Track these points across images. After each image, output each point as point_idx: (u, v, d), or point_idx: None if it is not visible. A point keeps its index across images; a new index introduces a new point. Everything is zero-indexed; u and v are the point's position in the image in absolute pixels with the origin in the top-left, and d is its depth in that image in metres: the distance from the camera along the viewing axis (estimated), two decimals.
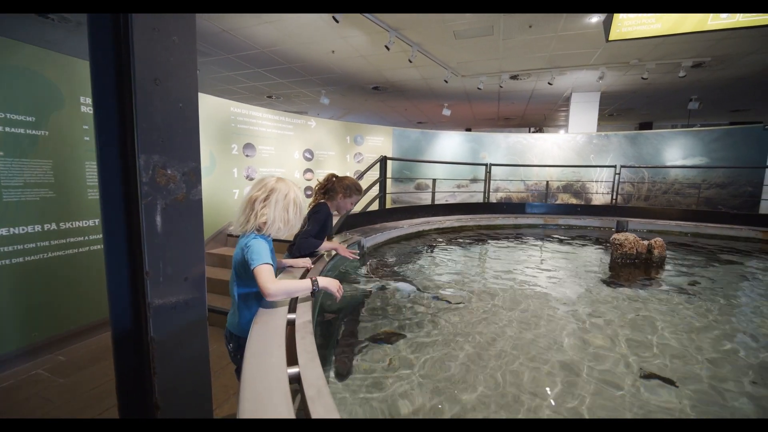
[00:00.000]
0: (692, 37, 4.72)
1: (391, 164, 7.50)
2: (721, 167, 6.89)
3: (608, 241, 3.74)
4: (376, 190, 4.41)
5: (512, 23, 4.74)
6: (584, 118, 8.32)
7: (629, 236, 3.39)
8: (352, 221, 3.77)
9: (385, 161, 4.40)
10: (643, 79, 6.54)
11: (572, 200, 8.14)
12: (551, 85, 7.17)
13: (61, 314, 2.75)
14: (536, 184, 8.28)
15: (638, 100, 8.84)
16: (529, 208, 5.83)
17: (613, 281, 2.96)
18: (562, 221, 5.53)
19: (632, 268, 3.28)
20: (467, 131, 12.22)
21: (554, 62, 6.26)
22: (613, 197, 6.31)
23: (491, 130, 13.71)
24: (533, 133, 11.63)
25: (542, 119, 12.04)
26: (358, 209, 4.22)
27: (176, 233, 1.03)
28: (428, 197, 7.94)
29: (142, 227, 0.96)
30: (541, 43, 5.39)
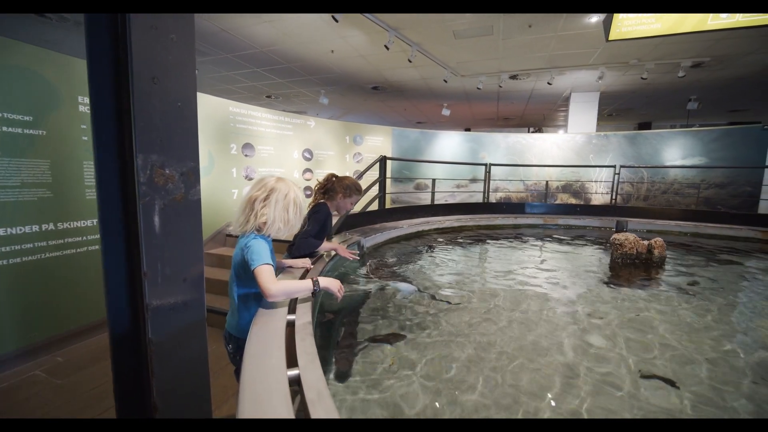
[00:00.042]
0: (692, 37, 4.72)
1: (390, 164, 7.49)
2: (720, 167, 6.90)
3: (608, 241, 3.74)
4: (375, 190, 4.40)
5: (512, 23, 4.74)
6: (583, 118, 8.32)
7: (629, 236, 3.39)
8: (351, 221, 3.76)
9: (384, 161, 4.40)
10: (642, 79, 6.54)
11: (571, 200, 8.14)
12: (551, 85, 7.18)
13: (59, 315, 2.74)
14: (535, 184, 8.28)
15: (637, 100, 8.85)
16: (528, 208, 5.83)
17: (613, 281, 2.95)
18: (561, 221, 5.53)
19: (632, 268, 3.28)
20: (466, 131, 12.22)
21: (554, 62, 6.26)
22: (612, 197, 6.31)
23: (490, 130, 13.71)
24: (532, 133, 11.63)
25: (541, 119, 12.05)
26: (357, 209, 4.21)
27: (174, 233, 1.02)
28: (427, 197, 7.94)
29: (140, 227, 0.95)
30: (540, 43, 5.39)
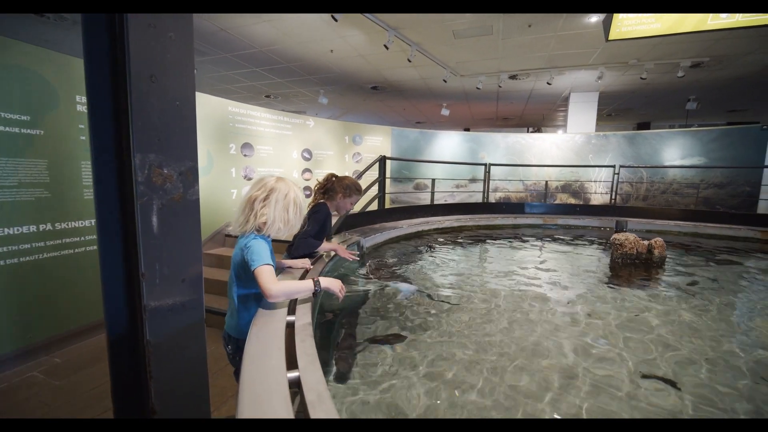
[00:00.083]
0: (691, 37, 4.72)
1: (389, 164, 7.49)
2: (719, 167, 6.90)
3: (608, 241, 3.74)
4: (375, 190, 4.39)
5: (512, 23, 4.73)
6: (583, 118, 8.32)
7: (629, 236, 3.39)
8: (351, 221, 3.75)
9: (384, 161, 4.39)
10: (641, 79, 6.54)
11: (571, 200, 8.15)
12: (550, 85, 7.17)
13: (57, 315, 2.72)
14: (535, 184, 8.28)
15: (637, 100, 8.85)
16: (528, 208, 5.83)
17: (613, 281, 2.95)
18: (561, 221, 5.53)
19: (632, 268, 3.27)
20: (466, 131, 12.21)
21: (553, 62, 6.26)
22: (611, 197, 6.31)
23: (490, 130, 13.71)
24: (532, 133, 11.63)
25: (540, 119, 12.05)
26: (356, 209, 4.20)
27: (173, 234, 1.00)
28: (427, 197, 7.93)
29: (137, 228, 0.94)
30: (540, 42, 5.38)
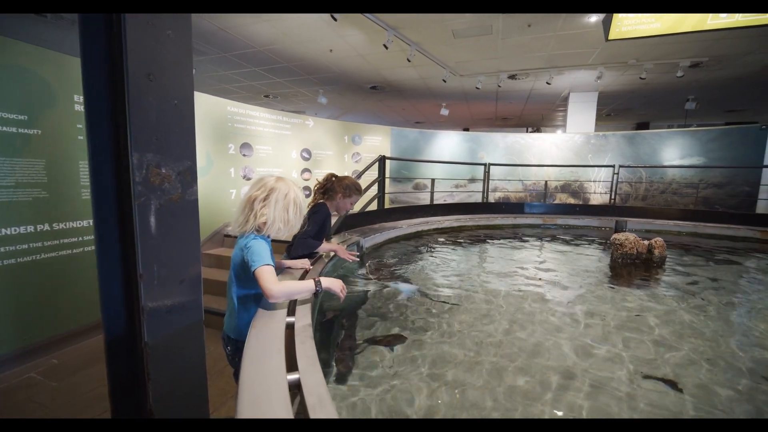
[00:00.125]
0: (690, 36, 4.72)
1: (389, 164, 7.47)
2: (718, 167, 6.91)
3: (608, 240, 3.73)
4: (374, 189, 4.38)
5: (511, 22, 4.73)
6: (582, 118, 8.32)
7: (629, 236, 3.38)
8: (350, 221, 3.74)
9: (383, 161, 4.38)
10: (641, 79, 6.54)
11: (570, 200, 8.14)
12: (549, 84, 7.17)
13: (54, 316, 2.70)
14: (534, 183, 8.27)
15: (636, 100, 8.86)
16: (527, 208, 5.82)
17: (613, 281, 2.94)
18: (561, 221, 5.53)
19: (632, 268, 3.27)
20: (465, 131, 12.21)
21: (552, 62, 6.25)
22: (611, 197, 6.31)
23: (489, 129, 13.71)
24: (531, 132, 11.63)
25: (540, 119, 12.05)
26: (356, 209, 4.19)
27: (171, 234, 0.99)
28: (426, 197, 7.92)
29: (135, 228, 0.93)
30: (539, 42, 5.38)
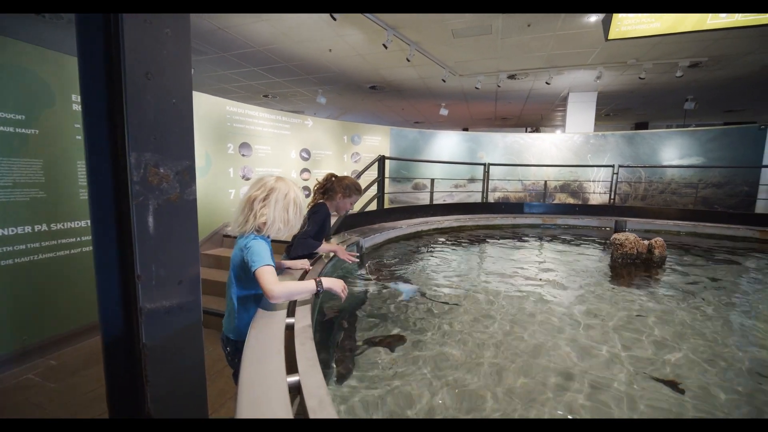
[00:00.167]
0: (689, 36, 4.72)
1: (388, 164, 7.46)
2: (717, 167, 6.91)
3: (607, 240, 3.73)
4: (374, 189, 4.37)
5: (511, 22, 4.72)
6: (581, 117, 8.32)
7: (629, 236, 3.38)
8: (350, 221, 3.73)
9: (383, 161, 4.37)
10: (640, 78, 6.54)
11: (569, 200, 8.14)
12: (549, 84, 7.17)
13: (52, 317, 2.69)
14: (534, 183, 8.27)
15: (635, 99, 8.86)
16: (527, 207, 5.82)
17: (613, 281, 2.94)
18: (560, 221, 5.52)
19: (633, 268, 3.26)
20: (464, 131, 12.21)
21: (552, 62, 6.25)
22: (610, 197, 6.31)
23: (488, 129, 13.71)
24: (530, 132, 11.63)
25: (539, 119, 12.06)
26: (355, 209, 4.18)
27: (169, 235, 0.98)
28: (425, 197, 7.91)
29: (133, 228, 0.92)
30: (539, 42, 5.37)
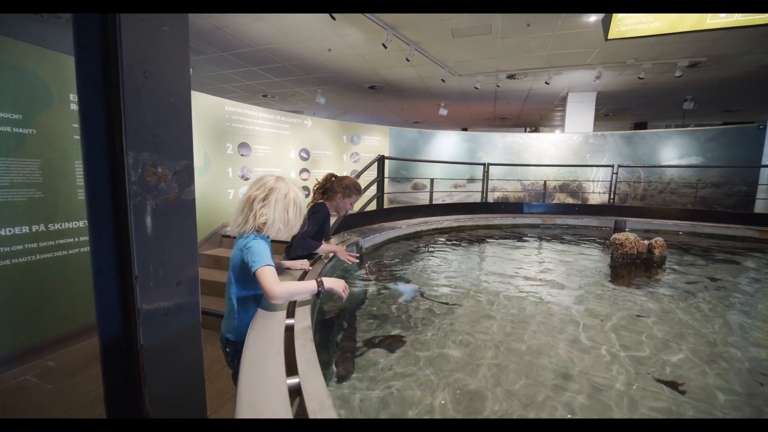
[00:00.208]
0: (689, 36, 4.72)
1: (387, 164, 7.45)
2: (716, 167, 6.92)
3: (607, 240, 3.72)
4: (373, 189, 4.36)
5: (510, 22, 4.72)
6: (580, 117, 8.32)
7: (630, 236, 3.37)
8: (349, 221, 3.72)
9: (383, 161, 4.36)
10: (639, 78, 6.54)
11: (569, 200, 8.15)
12: (548, 84, 7.17)
13: (50, 318, 2.67)
14: (533, 183, 8.27)
15: (634, 99, 8.87)
16: (527, 207, 5.82)
17: (613, 281, 2.93)
18: (560, 221, 5.52)
19: (633, 267, 3.26)
20: (463, 131, 12.20)
21: (551, 62, 6.25)
22: (610, 197, 6.31)
23: (487, 129, 13.71)
24: (529, 132, 11.64)
25: (538, 119, 12.06)
26: (355, 209, 4.17)
27: (168, 235, 0.97)
28: (425, 197, 7.91)
29: (131, 229, 0.90)
30: (538, 42, 5.37)
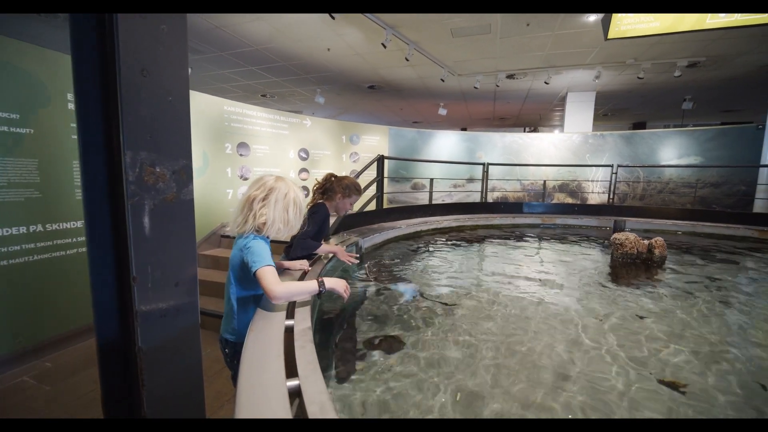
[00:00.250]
0: (688, 36, 4.72)
1: (387, 163, 7.44)
2: (715, 166, 6.93)
3: (607, 240, 3.72)
4: (372, 189, 4.35)
5: (510, 21, 4.71)
6: (580, 117, 8.32)
7: (630, 236, 3.37)
8: (349, 221, 3.70)
9: (382, 160, 4.35)
10: (638, 78, 6.54)
11: (568, 200, 8.15)
12: (547, 84, 7.16)
13: (48, 319, 2.65)
14: (532, 183, 8.27)
15: (633, 99, 8.87)
16: (526, 207, 5.81)
17: (614, 281, 2.92)
18: (559, 221, 5.51)
19: (633, 267, 3.25)
20: (462, 131, 12.20)
21: (551, 61, 6.24)
22: (609, 197, 6.31)
23: (486, 129, 13.71)
24: (529, 132, 11.64)
25: (537, 119, 12.06)
26: (354, 209, 4.15)
27: (166, 235, 0.96)
28: (424, 197, 7.90)
29: (128, 229, 0.89)
30: (538, 42, 5.37)
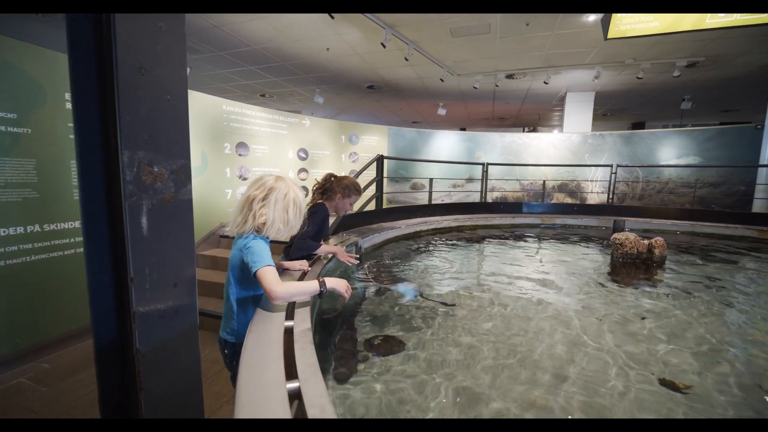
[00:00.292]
0: (687, 36, 4.72)
1: (386, 163, 7.43)
2: (714, 166, 6.93)
3: (606, 240, 3.72)
4: (372, 189, 4.34)
5: (509, 21, 4.71)
6: (579, 117, 8.33)
7: (630, 236, 3.37)
8: (348, 221, 3.69)
9: (381, 160, 4.34)
10: (638, 78, 6.54)
11: (567, 199, 8.15)
12: (547, 84, 7.16)
13: (45, 319, 2.64)
14: (532, 183, 8.27)
15: (632, 99, 8.88)
16: (526, 207, 5.81)
17: (614, 281, 2.92)
18: (559, 221, 5.51)
19: (633, 267, 3.25)
20: (462, 131, 12.20)
21: (550, 61, 6.24)
22: (609, 196, 6.31)
23: (486, 129, 13.71)
24: (528, 132, 11.64)
25: (536, 119, 12.07)
26: (354, 209, 4.14)
27: (164, 236, 0.95)
28: (424, 197, 7.89)
29: (126, 230, 0.88)
30: (537, 41, 5.36)
